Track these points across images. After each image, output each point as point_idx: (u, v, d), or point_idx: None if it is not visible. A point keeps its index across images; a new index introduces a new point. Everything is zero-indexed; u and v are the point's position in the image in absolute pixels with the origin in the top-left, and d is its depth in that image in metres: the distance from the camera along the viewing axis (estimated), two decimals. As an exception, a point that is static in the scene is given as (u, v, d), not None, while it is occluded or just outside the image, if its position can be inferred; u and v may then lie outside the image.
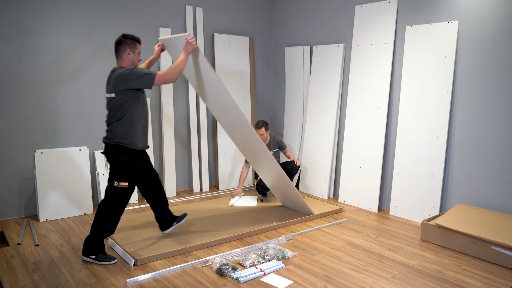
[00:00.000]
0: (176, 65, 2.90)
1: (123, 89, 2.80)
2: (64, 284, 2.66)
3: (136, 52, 2.95)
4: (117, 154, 2.87)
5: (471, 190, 3.64)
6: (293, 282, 2.70)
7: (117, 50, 2.93)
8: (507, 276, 2.84)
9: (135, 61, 2.97)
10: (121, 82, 2.79)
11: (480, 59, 3.53)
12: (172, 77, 2.87)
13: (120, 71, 2.82)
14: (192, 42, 3.01)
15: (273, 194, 4.73)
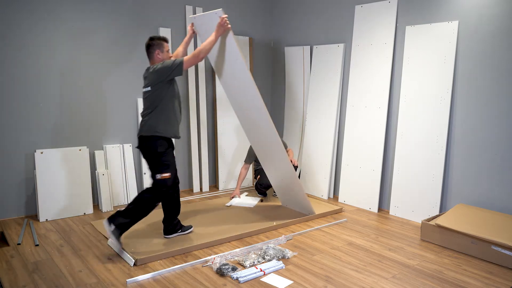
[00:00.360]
0: (204, 45, 3.09)
1: (157, 82, 3.04)
2: (64, 284, 2.66)
3: (165, 50, 3.16)
4: (151, 145, 3.06)
5: (471, 190, 3.64)
6: (293, 282, 2.70)
7: (148, 52, 3.18)
8: (507, 276, 2.84)
9: (165, 59, 3.16)
10: (155, 76, 3.03)
11: (480, 59, 3.53)
12: (200, 56, 3.07)
13: (154, 66, 3.08)
14: (225, 23, 3.14)
15: (274, 192, 4.73)
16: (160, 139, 3.06)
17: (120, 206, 4.31)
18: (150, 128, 3.06)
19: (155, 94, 3.04)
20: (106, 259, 3.03)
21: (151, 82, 3.05)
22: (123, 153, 4.43)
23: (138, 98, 4.51)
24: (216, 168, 5.14)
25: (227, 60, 3.44)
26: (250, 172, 5.25)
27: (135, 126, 4.55)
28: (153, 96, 3.05)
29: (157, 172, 3.08)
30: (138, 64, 4.50)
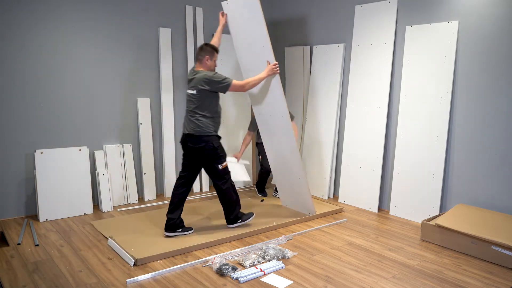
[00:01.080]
0: (253, 80, 3.44)
1: (204, 89, 3.29)
2: (64, 284, 2.66)
3: (213, 59, 3.45)
4: (210, 144, 3.33)
5: (471, 190, 3.64)
6: (293, 282, 2.70)
7: (198, 54, 3.43)
8: (507, 276, 2.84)
9: (211, 66, 3.44)
10: (203, 83, 3.28)
11: (480, 59, 3.53)
12: (245, 87, 3.44)
13: (204, 74, 3.31)
14: (276, 69, 3.53)
15: (274, 192, 4.73)
16: (212, 136, 3.37)
17: (120, 206, 4.32)
18: (202, 128, 3.33)
19: (202, 99, 3.31)
20: (106, 259, 3.03)
21: (198, 87, 3.30)
22: (123, 153, 4.44)
23: (138, 98, 4.51)
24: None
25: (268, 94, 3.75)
26: (251, 173, 5.24)
27: (135, 126, 4.55)
28: (200, 100, 3.32)
29: (217, 163, 3.40)
30: (138, 64, 4.50)
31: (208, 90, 3.31)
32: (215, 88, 3.32)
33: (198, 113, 3.34)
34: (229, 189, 3.49)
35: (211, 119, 3.37)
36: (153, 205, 4.38)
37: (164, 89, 4.65)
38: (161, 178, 4.78)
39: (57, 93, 4.05)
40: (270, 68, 3.52)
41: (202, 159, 3.41)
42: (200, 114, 3.34)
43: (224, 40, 4.26)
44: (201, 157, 3.40)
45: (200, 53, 3.42)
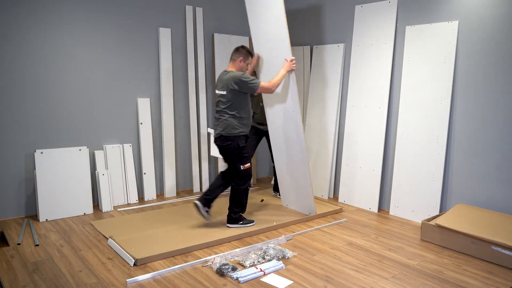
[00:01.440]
0: (277, 79, 3.50)
1: (233, 89, 3.39)
2: (64, 284, 2.66)
3: (246, 62, 3.55)
4: (235, 143, 3.45)
5: (471, 190, 3.64)
6: (293, 282, 2.70)
7: (233, 54, 3.55)
8: (507, 276, 2.84)
9: (243, 68, 3.55)
10: (233, 83, 3.38)
11: (480, 59, 3.53)
12: (272, 88, 3.50)
13: (234, 74, 3.41)
14: (293, 65, 3.58)
15: (274, 192, 4.73)
16: (240, 136, 3.47)
17: (120, 206, 4.31)
18: (232, 128, 3.45)
19: (232, 99, 3.43)
20: (106, 259, 3.03)
21: (228, 87, 3.41)
22: (123, 153, 4.44)
23: (138, 98, 4.51)
24: (216, 168, 5.14)
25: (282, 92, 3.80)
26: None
27: (135, 126, 4.55)
28: (231, 99, 3.43)
29: (240, 164, 3.52)
30: (138, 64, 4.50)
31: (238, 90, 3.41)
32: (244, 88, 3.41)
33: (228, 113, 3.46)
34: (243, 191, 3.60)
35: (240, 119, 3.47)
36: (153, 205, 4.38)
37: (164, 89, 4.65)
38: (161, 178, 4.79)
39: (57, 93, 4.05)
40: (288, 65, 3.58)
41: (227, 155, 3.57)
42: (229, 114, 3.45)
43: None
44: (227, 155, 3.56)
45: (234, 54, 3.54)
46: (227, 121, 3.45)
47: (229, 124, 3.45)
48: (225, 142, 3.48)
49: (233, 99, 3.43)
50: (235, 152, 3.50)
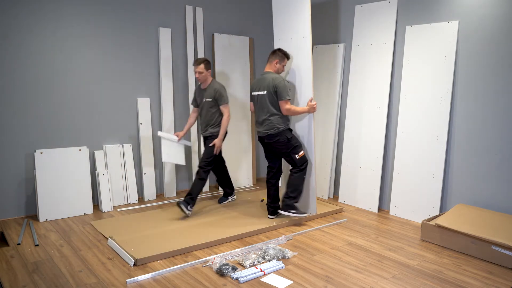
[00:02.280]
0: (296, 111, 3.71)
1: (271, 92, 3.64)
2: (64, 284, 2.66)
3: (282, 64, 3.78)
4: (284, 137, 3.67)
5: (471, 190, 3.64)
6: (293, 282, 2.70)
7: (270, 57, 3.78)
8: (507, 276, 2.84)
9: (279, 70, 3.80)
10: (273, 88, 3.63)
11: (480, 59, 3.53)
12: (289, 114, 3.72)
13: (274, 79, 3.64)
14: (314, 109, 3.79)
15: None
16: (286, 130, 3.71)
17: (120, 206, 4.31)
18: (277, 124, 3.67)
19: (272, 100, 3.66)
20: (106, 259, 3.03)
21: (268, 88, 3.65)
22: (123, 153, 4.43)
23: (138, 98, 4.51)
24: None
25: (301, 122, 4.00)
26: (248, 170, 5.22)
27: (135, 126, 4.55)
28: (270, 101, 3.66)
29: (294, 153, 3.71)
30: (138, 64, 4.50)
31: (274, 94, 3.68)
32: (278, 95, 3.64)
33: (270, 113, 3.67)
34: (301, 178, 3.77)
35: (282, 117, 3.70)
36: (153, 205, 4.38)
37: (164, 89, 4.65)
38: (161, 178, 4.79)
39: (57, 93, 4.05)
40: (310, 107, 3.76)
41: (279, 151, 3.77)
42: (272, 114, 3.67)
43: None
44: (277, 150, 3.76)
45: (271, 57, 3.77)
46: (271, 120, 3.67)
47: (274, 123, 3.66)
48: (273, 138, 3.69)
49: (273, 99, 3.65)
50: (286, 145, 3.70)
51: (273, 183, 3.92)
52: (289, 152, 3.73)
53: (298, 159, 3.73)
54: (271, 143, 3.74)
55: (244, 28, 5.31)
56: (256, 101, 3.79)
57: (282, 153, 3.78)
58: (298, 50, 3.89)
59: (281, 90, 3.62)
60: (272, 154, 3.87)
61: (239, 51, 5.17)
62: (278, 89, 3.62)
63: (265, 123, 3.71)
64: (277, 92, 3.63)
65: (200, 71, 3.97)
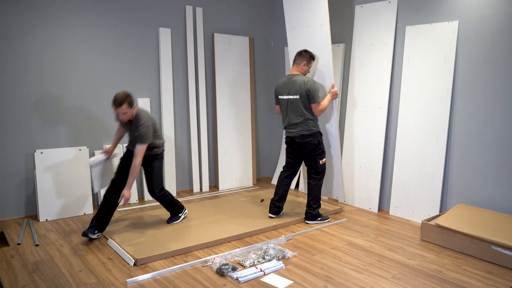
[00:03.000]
0: (324, 106, 3.75)
1: (303, 94, 3.66)
2: (64, 284, 2.66)
3: (308, 66, 3.81)
4: (316, 139, 3.74)
5: (471, 190, 3.64)
6: (293, 282, 2.70)
7: (296, 58, 3.78)
8: (507, 276, 2.84)
9: (306, 72, 3.82)
10: (305, 91, 3.66)
11: (480, 59, 3.53)
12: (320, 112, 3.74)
13: (305, 82, 3.65)
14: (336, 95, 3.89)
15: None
16: (318, 133, 3.77)
17: (120, 206, 4.31)
18: (311, 126, 3.72)
19: (305, 103, 3.68)
20: (106, 259, 3.03)
21: (301, 93, 3.67)
22: (123, 153, 4.42)
23: (138, 98, 4.51)
24: (216, 168, 5.14)
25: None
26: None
27: (135, 126, 4.55)
28: (302, 104, 3.69)
29: (320, 158, 3.80)
30: (139, 64, 4.50)
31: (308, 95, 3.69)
32: (308, 96, 3.67)
33: (304, 116, 3.70)
34: (320, 186, 3.86)
35: (315, 119, 3.76)
36: (153, 205, 4.38)
37: (164, 89, 4.65)
38: (161, 178, 4.78)
39: (57, 93, 4.05)
40: (333, 92, 3.85)
41: (307, 153, 3.79)
42: (305, 117, 3.70)
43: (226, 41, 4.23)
44: (307, 152, 3.78)
45: (298, 58, 3.78)
46: (305, 123, 3.71)
47: (308, 124, 3.71)
48: (306, 139, 3.72)
49: (306, 103, 3.69)
50: (315, 148, 3.76)
51: (287, 183, 3.93)
52: (315, 156, 3.78)
53: (321, 165, 3.81)
54: (302, 143, 3.74)
55: (244, 28, 5.31)
56: (286, 105, 3.78)
57: (309, 155, 3.79)
58: (315, 39, 3.85)
59: (313, 94, 3.65)
60: (297, 155, 3.88)
61: (239, 51, 5.17)
62: (311, 93, 3.64)
63: (298, 125, 3.72)
64: (309, 95, 3.65)
65: (124, 111, 3.24)
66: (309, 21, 3.87)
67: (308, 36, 3.90)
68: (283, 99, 3.79)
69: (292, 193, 4.96)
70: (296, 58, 3.79)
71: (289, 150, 3.90)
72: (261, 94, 5.58)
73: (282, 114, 3.86)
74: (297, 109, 3.70)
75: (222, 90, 5.02)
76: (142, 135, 3.31)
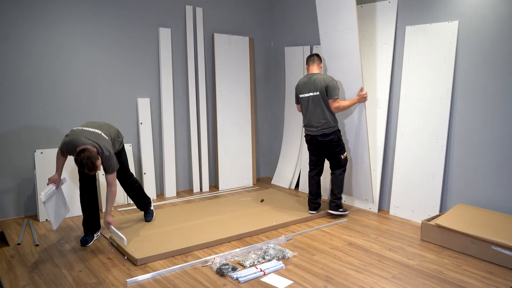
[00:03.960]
0: (344, 105, 3.86)
1: (323, 92, 3.80)
2: (64, 284, 2.66)
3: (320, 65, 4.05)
4: (336, 136, 3.87)
5: (471, 190, 3.64)
6: (293, 282, 2.70)
7: (315, 59, 3.99)
8: (507, 276, 2.84)
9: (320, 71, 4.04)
10: (324, 86, 3.80)
11: (480, 59, 3.53)
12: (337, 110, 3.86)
13: (325, 79, 3.82)
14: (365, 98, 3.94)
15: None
16: (338, 130, 3.92)
17: (120, 206, 4.31)
18: (332, 126, 3.85)
19: (325, 100, 3.81)
20: (106, 259, 3.03)
21: (322, 90, 3.80)
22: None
23: (138, 98, 4.51)
24: (216, 168, 5.14)
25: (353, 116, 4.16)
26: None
27: (135, 126, 4.55)
28: (323, 101, 3.82)
29: (341, 153, 3.94)
30: (138, 64, 4.51)
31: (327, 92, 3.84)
32: (327, 93, 3.81)
33: (324, 112, 3.83)
34: (343, 177, 4.03)
35: (335, 116, 3.89)
36: (153, 205, 4.38)
37: (164, 89, 4.65)
38: (161, 178, 4.79)
39: (57, 93, 4.05)
40: (361, 95, 3.91)
41: (329, 149, 3.91)
42: (325, 113, 3.83)
43: (224, 41, 4.22)
44: (329, 148, 3.91)
45: (317, 59, 4.00)
46: (327, 120, 3.83)
47: (329, 121, 3.84)
48: (328, 137, 3.85)
49: (326, 99, 3.81)
50: (336, 145, 3.89)
51: (317, 181, 4.07)
52: (337, 152, 3.91)
53: (343, 159, 3.96)
54: (325, 142, 3.87)
55: (244, 28, 5.31)
56: (307, 103, 3.91)
57: (331, 152, 3.93)
58: (344, 42, 3.98)
59: (332, 89, 3.78)
60: (320, 153, 4.01)
61: (239, 51, 5.17)
62: (329, 88, 3.78)
63: (320, 123, 3.84)
64: (327, 91, 3.79)
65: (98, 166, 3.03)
66: (340, 26, 4.02)
67: (339, 40, 4.04)
68: (304, 97, 3.92)
69: (292, 193, 4.96)
70: (313, 59, 3.99)
71: (312, 147, 4.02)
72: (261, 94, 5.58)
73: (303, 113, 4.01)
74: (318, 106, 3.83)
75: (222, 90, 5.02)
76: (109, 167, 3.12)
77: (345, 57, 4.00)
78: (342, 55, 4.02)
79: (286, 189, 5.16)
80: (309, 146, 4.05)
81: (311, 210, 4.08)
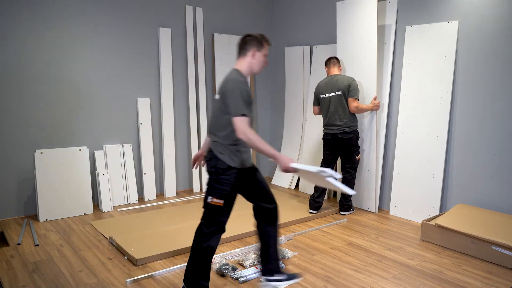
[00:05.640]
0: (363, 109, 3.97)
1: (344, 91, 3.90)
2: (64, 284, 2.66)
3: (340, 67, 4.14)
4: (355, 136, 3.97)
5: (471, 190, 3.64)
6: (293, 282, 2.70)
7: (334, 62, 4.07)
8: (507, 276, 2.84)
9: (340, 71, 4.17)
10: (347, 86, 3.90)
11: (480, 59, 3.53)
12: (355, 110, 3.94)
13: (347, 78, 3.94)
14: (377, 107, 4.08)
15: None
16: (357, 130, 4.02)
17: (120, 206, 4.31)
18: (353, 125, 3.95)
19: (347, 100, 3.91)
20: (106, 259, 3.03)
21: (344, 90, 3.90)
22: (123, 153, 4.43)
23: (138, 98, 4.51)
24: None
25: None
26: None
27: (135, 126, 4.55)
28: (343, 101, 3.91)
29: (357, 154, 4.02)
30: (138, 64, 4.50)
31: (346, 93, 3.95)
32: (349, 93, 3.91)
33: (345, 112, 3.92)
34: (354, 179, 4.09)
35: (353, 114, 3.97)
36: (153, 205, 4.38)
37: (164, 89, 4.65)
38: (161, 178, 4.79)
39: (57, 93, 4.05)
40: (374, 104, 4.03)
41: (347, 148, 3.98)
42: (347, 113, 3.92)
43: (224, 41, 4.23)
44: (346, 147, 3.98)
45: (336, 62, 4.08)
46: (347, 119, 3.92)
47: (350, 120, 3.94)
48: (348, 135, 3.93)
49: (345, 100, 3.92)
50: (355, 144, 3.97)
51: None
52: (353, 151, 3.98)
53: (357, 160, 4.04)
54: (345, 140, 3.94)
55: (244, 28, 5.31)
56: (328, 103, 3.97)
57: (348, 151, 3.99)
58: (362, 53, 4.18)
59: (353, 89, 3.89)
60: (336, 152, 4.05)
61: (239, 51, 5.16)
62: (351, 88, 3.89)
63: (342, 121, 3.92)
64: (349, 90, 3.88)
65: None
66: (359, 38, 4.17)
67: (357, 51, 4.19)
68: (325, 97, 3.98)
69: (292, 193, 4.96)
70: (333, 61, 4.08)
71: (329, 147, 4.05)
72: (261, 94, 5.58)
73: (323, 113, 4.06)
74: (340, 105, 3.91)
75: (222, 90, 5.02)
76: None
77: (363, 68, 4.17)
78: (361, 66, 4.18)
79: (286, 189, 5.16)
80: (326, 145, 4.07)
81: (311, 210, 4.07)
